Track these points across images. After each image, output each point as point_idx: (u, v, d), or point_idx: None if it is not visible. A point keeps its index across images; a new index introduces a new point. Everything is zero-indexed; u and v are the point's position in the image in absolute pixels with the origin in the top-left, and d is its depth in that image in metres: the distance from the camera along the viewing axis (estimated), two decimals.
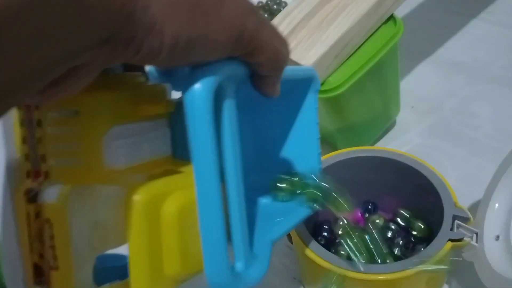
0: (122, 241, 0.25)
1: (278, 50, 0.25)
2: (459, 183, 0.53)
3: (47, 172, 0.24)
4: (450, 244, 0.38)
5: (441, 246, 0.37)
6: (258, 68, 0.25)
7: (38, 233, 0.24)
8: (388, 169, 0.47)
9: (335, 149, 0.50)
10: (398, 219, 0.51)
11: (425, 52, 0.74)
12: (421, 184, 0.44)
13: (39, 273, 0.25)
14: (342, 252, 0.46)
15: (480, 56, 0.71)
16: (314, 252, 0.39)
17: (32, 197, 0.24)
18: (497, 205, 0.39)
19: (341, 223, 0.47)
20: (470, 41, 0.75)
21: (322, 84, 0.49)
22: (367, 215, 0.52)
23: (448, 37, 0.76)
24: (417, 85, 0.69)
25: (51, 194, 0.24)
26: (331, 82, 0.49)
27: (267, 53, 0.24)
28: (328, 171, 0.47)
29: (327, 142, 0.63)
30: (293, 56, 0.48)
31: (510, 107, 0.63)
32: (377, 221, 0.49)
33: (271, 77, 0.26)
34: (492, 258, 0.36)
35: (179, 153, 0.27)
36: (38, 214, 0.24)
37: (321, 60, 0.47)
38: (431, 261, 0.37)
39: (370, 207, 0.52)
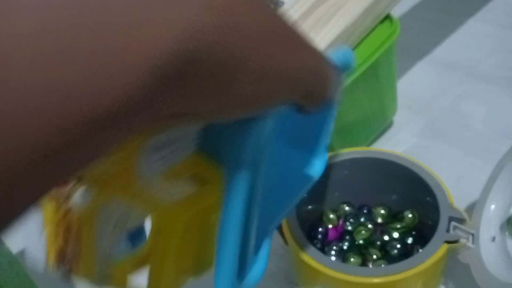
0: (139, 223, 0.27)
1: (331, 94, 0.23)
2: (454, 183, 0.53)
3: (80, 176, 0.25)
4: (446, 246, 0.37)
5: (437, 248, 0.37)
6: (305, 107, 0.23)
7: (66, 228, 0.26)
8: (384, 170, 0.47)
9: (331, 150, 0.49)
10: (378, 219, 0.51)
11: (422, 52, 0.74)
12: (417, 185, 0.44)
13: (62, 256, 0.27)
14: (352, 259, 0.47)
15: (475, 55, 0.71)
16: (310, 256, 0.39)
17: (64, 200, 0.26)
18: (493, 206, 0.39)
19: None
20: (465, 40, 0.75)
21: None
22: (363, 219, 0.51)
23: (444, 37, 0.76)
24: (414, 85, 0.69)
25: (83, 198, 0.25)
26: None
27: (322, 102, 0.23)
28: (324, 173, 0.47)
29: None
30: None
31: (503, 106, 0.63)
32: (363, 232, 0.49)
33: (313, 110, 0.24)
34: (488, 260, 0.36)
35: (204, 147, 0.26)
36: (66, 213, 0.26)
37: None
38: (427, 263, 0.36)
39: (365, 211, 0.52)
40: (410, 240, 0.49)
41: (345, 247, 0.49)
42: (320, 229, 0.51)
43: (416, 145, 0.61)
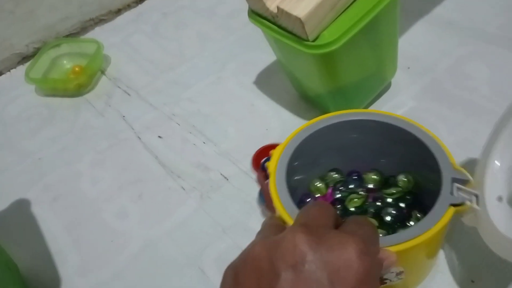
0: None
1: None
2: (454, 147, 0.50)
3: None
4: (452, 209, 0.35)
5: (443, 212, 0.34)
6: None
7: None
8: (381, 132, 0.44)
9: (327, 112, 0.46)
10: (370, 185, 0.48)
11: (423, 10, 0.71)
12: (414, 147, 0.41)
13: None
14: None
15: (477, 16, 0.68)
16: None
17: None
18: (498, 163, 0.36)
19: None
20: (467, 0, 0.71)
21: (315, 39, 0.46)
22: (352, 186, 0.49)
23: None
24: (414, 45, 0.66)
25: None
26: (325, 36, 0.45)
27: None
28: (319, 135, 0.44)
29: (319, 106, 0.60)
30: (285, 6, 0.44)
31: (507, 68, 0.60)
32: (356, 200, 0.47)
33: None
34: (498, 221, 0.33)
35: None
36: None
37: (315, 11, 0.43)
38: (435, 229, 0.34)
39: (355, 177, 0.49)
40: (403, 205, 0.46)
41: None
42: (308, 200, 0.48)
43: (415, 108, 0.58)
